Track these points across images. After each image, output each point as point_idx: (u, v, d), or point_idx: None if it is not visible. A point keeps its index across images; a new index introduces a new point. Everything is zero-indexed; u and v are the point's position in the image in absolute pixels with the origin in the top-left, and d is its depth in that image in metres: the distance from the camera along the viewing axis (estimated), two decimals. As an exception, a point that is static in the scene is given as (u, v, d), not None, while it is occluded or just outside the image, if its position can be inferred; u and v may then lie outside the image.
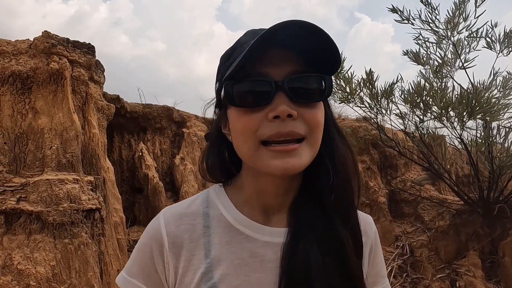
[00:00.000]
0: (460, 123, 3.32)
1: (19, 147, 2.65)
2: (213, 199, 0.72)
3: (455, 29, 3.61)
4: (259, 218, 0.69)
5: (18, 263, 2.38)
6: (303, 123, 0.61)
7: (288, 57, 0.62)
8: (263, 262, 0.66)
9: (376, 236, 0.78)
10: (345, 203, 0.67)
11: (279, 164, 0.60)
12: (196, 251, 0.67)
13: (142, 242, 0.71)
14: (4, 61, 2.70)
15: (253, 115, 0.61)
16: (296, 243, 0.64)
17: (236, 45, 0.66)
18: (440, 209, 4.13)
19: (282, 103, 0.59)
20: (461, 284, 3.44)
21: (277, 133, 0.59)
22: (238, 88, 0.62)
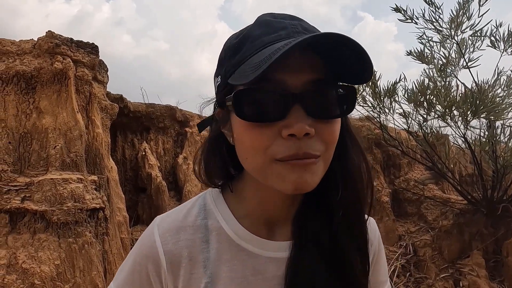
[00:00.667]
0: (464, 122, 3.31)
1: (23, 146, 2.67)
2: (211, 208, 0.67)
3: (459, 28, 3.60)
4: (261, 232, 0.64)
5: (22, 262, 2.39)
6: (320, 141, 0.54)
7: (308, 62, 0.54)
8: (265, 280, 0.62)
9: (379, 241, 0.74)
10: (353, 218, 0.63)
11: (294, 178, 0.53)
12: (195, 269, 0.62)
13: (136, 261, 0.66)
14: (8, 61, 2.71)
15: (264, 130, 0.53)
16: (301, 258, 0.60)
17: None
18: (443, 209, 4.12)
19: (299, 119, 0.52)
20: (464, 283, 3.43)
21: (293, 155, 0.52)
22: (248, 99, 0.54)
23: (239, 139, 0.57)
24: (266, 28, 0.56)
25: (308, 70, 0.54)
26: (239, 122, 0.55)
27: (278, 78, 0.53)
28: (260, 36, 0.55)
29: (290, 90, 0.53)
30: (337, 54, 0.53)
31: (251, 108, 0.54)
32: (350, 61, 0.53)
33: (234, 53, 0.57)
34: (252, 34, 0.56)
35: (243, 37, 0.57)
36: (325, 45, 0.52)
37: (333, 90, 0.56)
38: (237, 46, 0.57)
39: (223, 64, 0.59)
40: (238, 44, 0.57)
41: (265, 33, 0.55)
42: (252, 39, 0.55)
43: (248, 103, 0.54)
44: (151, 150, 4.33)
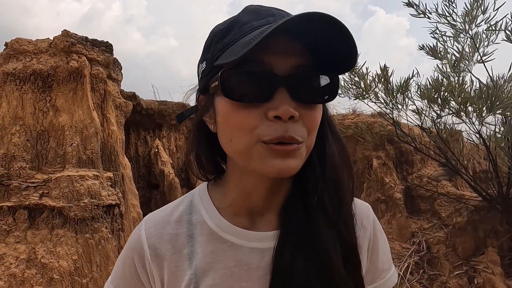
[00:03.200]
0: (479, 118, 3.27)
1: (41, 144, 2.72)
2: (197, 203, 0.68)
3: (473, 22, 3.54)
4: (243, 223, 0.64)
5: (41, 257, 2.45)
6: (303, 126, 0.55)
7: (296, 47, 0.55)
8: (249, 271, 0.62)
9: (375, 226, 0.71)
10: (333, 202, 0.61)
11: (277, 163, 0.54)
12: (179, 262, 0.63)
13: (125, 254, 0.68)
14: (26, 60, 2.77)
15: (250, 111, 0.54)
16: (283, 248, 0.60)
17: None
18: (457, 205, 4.08)
19: (284, 101, 0.53)
20: (479, 281, 3.40)
21: (279, 137, 0.53)
22: (235, 78, 0.54)
23: (224, 121, 0.57)
24: (254, 15, 0.57)
25: (295, 56, 0.55)
26: (225, 104, 0.56)
27: (266, 61, 0.53)
28: (249, 21, 0.56)
29: (277, 73, 0.53)
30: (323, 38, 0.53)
31: (238, 88, 0.54)
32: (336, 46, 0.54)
33: (222, 37, 0.57)
34: (241, 20, 0.57)
35: (232, 23, 0.58)
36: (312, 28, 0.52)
37: (318, 77, 0.57)
38: (225, 31, 0.57)
39: (209, 49, 0.59)
40: (226, 29, 0.58)
41: (253, 19, 0.56)
42: (240, 24, 0.56)
43: (236, 82, 0.54)
44: (164, 147, 4.37)
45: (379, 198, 4.33)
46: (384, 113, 4.07)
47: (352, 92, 4.05)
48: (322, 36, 0.53)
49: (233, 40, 0.55)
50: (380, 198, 4.32)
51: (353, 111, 4.92)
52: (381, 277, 0.71)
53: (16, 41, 2.79)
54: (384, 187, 4.31)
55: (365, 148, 4.56)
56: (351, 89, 4.04)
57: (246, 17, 0.57)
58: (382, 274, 0.71)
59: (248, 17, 0.57)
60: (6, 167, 2.61)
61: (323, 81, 0.57)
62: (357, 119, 4.71)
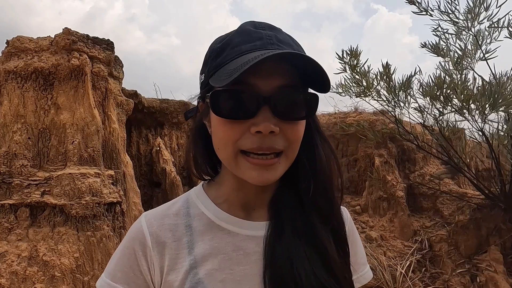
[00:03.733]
0: (481, 116, 3.25)
1: (42, 142, 2.72)
2: (193, 199, 0.73)
3: (476, 19, 3.52)
4: (239, 214, 0.70)
5: (43, 255, 2.45)
6: (284, 138, 0.62)
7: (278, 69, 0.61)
8: (246, 255, 0.67)
9: (351, 225, 0.79)
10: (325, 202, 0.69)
11: (255, 176, 0.62)
12: (179, 250, 0.67)
13: (124, 246, 0.70)
14: (27, 58, 2.77)
15: (235, 126, 0.61)
16: (278, 234, 0.66)
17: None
18: (459, 203, 4.07)
19: (266, 119, 0.60)
20: (481, 279, 3.39)
21: (257, 147, 0.61)
22: (223, 99, 0.62)
23: (214, 131, 0.66)
24: (245, 37, 0.63)
25: (278, 77, 0.61)
26: (215, 117, 0.64)
27: (250, 82, 0.60)
28: (239, 44, 0.63)
29: (260, 93, 0.60)
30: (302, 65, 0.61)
31: (225, 107, 0.61)
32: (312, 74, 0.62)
33: (216, 56, 0.65)
34: (233, 41, 0.64)
35: (225, 43, 0.65)
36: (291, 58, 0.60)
37: (299, 95, 0.64)
38: (219, 51, 0.65)
39: (207, 64, 0.67)
40: (220, 48, 0.65)
41: (243, 42, 0.62)
42: (232, 46, 0.63)
43: (223, 102, 0.62)
44: (165, 145, 4.37)
45: (381, 196, 4.31)
46: (386, 111, 4.05)
47: (353, 90, 4.04)
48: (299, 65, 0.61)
49: (224, 61, 0.62)
50: (382, 196, 4.31)
51: (355, 109, 4.90)
52: (360, 270, 0.80)
53: (18, 39, 2.79)
54: (386, 185, 4.30)
55: (367, 146, 4.54)
56: (353, 87, 4.03)
57: (238, 38, 0.64)
58: (361, 267, 0.81)
59: (239, 38, 0.63)
60: (7, 165, 2.61)
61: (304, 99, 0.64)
62: (359, 117, 4.69)
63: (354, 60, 3.91)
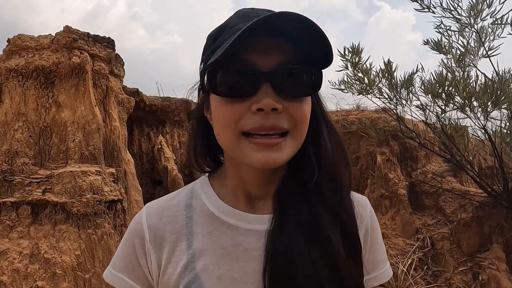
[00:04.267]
0: (484, 113, 3.23)
1: (43, 140, 2.73)
2: (198, 190, 0.71)
3: (479, 16, 3.49)
4: (242, 207, 0.67)
5: (44, 252, 2.46)
6: (288, 117, 0.59)
7: (278, 46, 0.58)
8: (246, 251, 0.64)
9: (372, 218, 0.74)
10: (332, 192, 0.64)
11: (260, 157, 0.58)
12: (178, 242, 0.66)
13: (125, 237, 0.71)
14: (28, 56, 2.77)
15: (235, 105, 0.58)
16: (280, 230, 0.62)
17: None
18: (462, 201, 4.05)
19: (267, 95, 0.57)
20: (484, 277, 3.37)
21: (259, 126, 0.57)
22: (221, 76, 0.59)
23: (214, 116, 0.62)
24: (242, 18, 0.61)
25: (278, 53, 0.58)
26: (214, 100, 0.61)
27: (249, 59, 0.57)
28: (236, 24, 0.60)
29: (260, 70, 0.57)
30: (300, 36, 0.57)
31: (224, 85, 0.59)
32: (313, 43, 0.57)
33: (213, 40, 0.63)
34: (230, 23, 0.61)
35: (222, 27, 0.63)
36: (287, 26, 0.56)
37: (301, 72, 0.60)
38: (216, 34, 0.63)
39: (205, 52, 0.65)
40: (217, 32, 0.63)
41: (241, 22, 0.59)
42: (229, 27, 0.61)
43: (221, 80, 0.59)
44: (167, 143, 4.38)
45: (383, 194, 4.30)
46: (388, 108, 4.03)
47: (355, 87, 4.03)
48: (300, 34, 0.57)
49: (222, 41, 0.59)
50: (384, 194, 4.29)
51: (357, 106, 4.88)
52: (380, 268, 0.74)
53: (19, 37, 2.80)
54: (388, 183, 4.28)
55: (369, 144, 4.53)
56: (355, 84, 4.01)
57: (235, 20, 0.61)
58: (381, 265, 0.74)
59: (236, 20, 0.61)
60: (9, 163, 2.62)
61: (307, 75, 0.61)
62: (361, 114, 4.67)
63: (356, 57, 3.90)
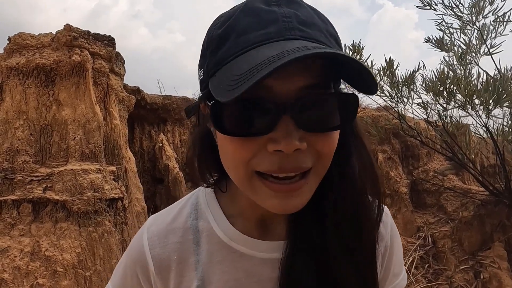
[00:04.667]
0: (485, 111, 3.22)
1: (44, 138, 2.74)
2: (203, 208, 0.63)
3: (480, 14, 3.48)
4: (254, 232, 0.60)
5: (45, 250, 2.47)
6: (312, 153, 0.48)
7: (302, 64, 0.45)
8: (260, 282, 0.59)
9: (392, 233, 0.67)
10: (352, 229, 0.56)
11: (276, 205, 0.49)
12: (185, 272, 0.60)
13: (127, 264, 0.65)
14: (29, 54, 2.78)
15: (247, 143, 0.47)
16: (294, 259, 0.56)
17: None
18: (463, 200, 4.03)
19: (288, 133, 0.45)
20: (485, 275, 3.36)
21: (278, 169, 0.47)
22: (228, 113, 0.46)
23: (221, 147, 0.52)
24: (254, 19, 0.47)
25: (302, 74, 0.46)
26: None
27: (265, 85, 0.45)
28: (246, 30, 0.47)
29: (278, 99, 0.45)
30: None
31: (232, 121, 0.47)
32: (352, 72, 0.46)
33: (216, 47, 0.49)
34: (238, 26, 0.48)
35: (228, 28, 0.49)
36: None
37: (330, 97, 0.49)
38: (220, 40, 0.49)
39: (205, 57, 0.52)
40: (221, 36, 0.49)
41: (252, 27, 0.47)
42: (237, 33, 0.47)
43: (229, 116, 0.47)
44: (168, 142, 4.38)
45: (384, 193, 4.29)
46: (389, 106, 4.02)
47: (357, 85, 4.01)
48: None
49: (227, 56, 0.47)
50: (385, 193, 4.28)
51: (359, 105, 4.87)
52: (391, 282, 0.69)
53: (19, 36, 2.80)
54: (389, 182, 4.27)
55: (370, 142, 4.51)
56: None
57: (244, 20, 0.48)
58: (393, 279, 0.69)
59: (246, 21, 0.48)
60: (10, 161, 2.63)
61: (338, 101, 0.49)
62: (362, 113, 4.66)
63: (357, 55, 3.89)
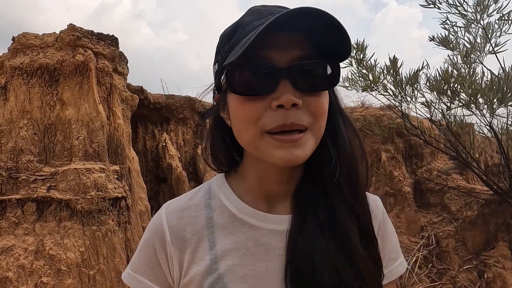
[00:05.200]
0: (490, 110, 3.20)
1: (48, 137, 2.75)
2: (215, 190, 0.71)
3: (485, 12, 3.45)
4: (262, 206, 0.68)
5: (49, 249, 2.48)
6: (307, 112, 0.59)
7: (294, 41, 0.59)
8: (268, 251, 0.65)
9: (384, 216, 0.75)
10: (349, 187, 0.65)
11: (283, 155, 0.58)
12: (200, 243, 0.66)
13: (145, 238, 0.71)
14: (33, 54, 2.79)
15: (255, 103, 0.59)
16: (300, 229, 0.63)
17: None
18: (467, 199, 4.02)
19: (287, 91, 0.57)
20: (489, 275, 3.35)
21: (280, 125, 0.58)
22: (239, 75, 0.59)
23: (233, 115, 0.62)
24: (256, 15, 0.61)
25: (295, 48, 0.59)
26: (233, 99, 0.61)
27: (266, 55, 0.58)
28: (251, 21, 0.61)
29: (278, 66, 0.58)
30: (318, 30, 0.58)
31: (242, 83, 0.59)
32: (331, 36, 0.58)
33: (228, 39, 0.63)
34: (244, 21, 0.62)
35: (236, 25, 0.63)
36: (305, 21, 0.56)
37: (319, 66, 0.61)
38: (231, 33, 0.63)
39: (219, 52, 0.65)
40: (231, 31, 0.63)
41: (255, 19, 0.61)
42: (243, 25, 0.61)
43: (240, 78, 0.59)
44: (171, 141, 4.39)
45: (388, 192, 4.28)
46: (393, 105, 4.01)
47: (359, 84, 4.00)
48: (317, 28, 0.57)
49: (238, 40, 0.60)
50: (389, 192, 4.27)
51: (362, 104, 4.86)
52: (388, 266, 0.74)
53: (23, 36, 2.82)
54: (392, 181, 4.26)
55: (373, 142, 4.51)
56: (359, 81, 3.98)
57: (248, 18, 0.62)
58: (389, 263, 0.74)
59: (250, 17, 0.62)
60: (14, 160, 2.65)
61: (325, 68, 0.61)
62: (366, 112, 4.65)
63: (361, 53, 3.87)
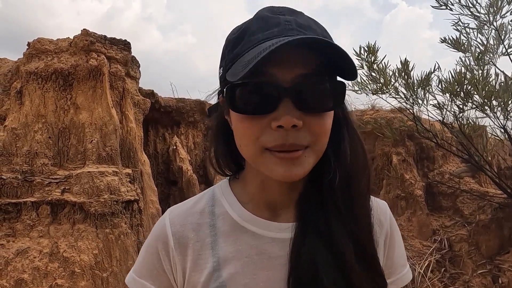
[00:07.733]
0: (503, 112, 3.16)
1: (62, 141, 2.79)
2: (219, 196, 0.71)
3: (498, 13, 3.42)
4: (265, 214, 0.67)
5: (64, 251, 2.51)
6: (308, 132, 0.58)
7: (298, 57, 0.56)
8: (270, 259, 0.64)
9: (392, 223, 0.74)
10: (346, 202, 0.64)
11: (282, 172, 0.58)
12: (202, 250, 0.66)
13: (148, 243, 0.71)
14: (47, 59, 2.83)
15: (255, 122, 0.57)
16: (302, 238, 0.63)
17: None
18: (481, 203, 3.96)
19: (287, 112, 0.55)
20: (504, 280, 3.30)
21: (280, 145, 0.57)
22: (240, 93, 0.57)
23: (235, 129, 0.62)
24: (262, 24, 0.59)
25: (299, 65, 0.57)
26: (234, 113, 0.60)
27: (269, 72, 0.56)
28: (255, 32, 0.58)
29: (280, 84, 0.56)
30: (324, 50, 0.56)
31: (243, 102, 0.58)
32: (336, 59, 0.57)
33: (233, 47, 0.61)
34: (249, 30, 0.60)
35: (242, 32, 0.61)
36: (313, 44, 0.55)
37: (323, 84, 0.58)
38: (235, 41, 0.61)
39: (224, 57, 0.64)
40: (236, 38, 0.61)
41: (260, 29, 0.58)
42: (249, 35, 0.59)
43: (240, 97, 0.58)
44: (182, 144, 4.41)
45: (399, 195, 4.24)
46: (404, 108, 3.98)
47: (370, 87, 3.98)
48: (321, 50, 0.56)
49: (241, 52, 0.58)
50: (400, 195, 4.24)
51: (372, 106, 4.83)
52: (397, 273, 0.73)
53: (38, 41, 2.86)
54: (404, 184, 4.23)
55: (384, 144, 4.48)
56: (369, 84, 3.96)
57: (254, 25, 0.60)
58: (398, 269, 0.74)
59: (256, 26, 0.59)
60: (29, 163, 2.69)
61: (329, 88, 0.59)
62: (376, 114, 4.62)
63: (372, 56, 3.85)
